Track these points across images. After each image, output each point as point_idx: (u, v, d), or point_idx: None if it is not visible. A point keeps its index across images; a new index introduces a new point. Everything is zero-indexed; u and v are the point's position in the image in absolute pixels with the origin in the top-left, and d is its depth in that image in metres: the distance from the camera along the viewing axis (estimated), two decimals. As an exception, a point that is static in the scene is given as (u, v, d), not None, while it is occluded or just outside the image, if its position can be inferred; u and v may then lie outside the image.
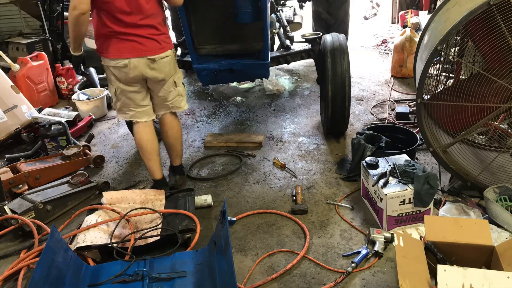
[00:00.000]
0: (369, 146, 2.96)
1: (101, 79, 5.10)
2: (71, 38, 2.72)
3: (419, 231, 2.51)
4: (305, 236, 2.58)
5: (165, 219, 2.67)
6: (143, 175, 3.42)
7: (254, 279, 2.30)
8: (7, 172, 3.21)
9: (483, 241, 1.99)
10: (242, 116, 4.32)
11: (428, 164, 3.17)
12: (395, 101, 4.29)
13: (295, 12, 5.26)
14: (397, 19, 6.87)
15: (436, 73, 2.83)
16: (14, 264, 2.49)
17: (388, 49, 5.84)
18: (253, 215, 2.82)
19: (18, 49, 5.17)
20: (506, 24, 2.27)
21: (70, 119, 4.09)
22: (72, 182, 3.17)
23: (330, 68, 3.33)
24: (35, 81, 4.69)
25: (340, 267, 2.33)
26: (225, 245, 2.12)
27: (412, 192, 2.43)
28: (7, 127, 3.93)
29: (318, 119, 4.07)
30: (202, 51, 3.35)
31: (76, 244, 2.46)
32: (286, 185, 3.13)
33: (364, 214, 2.74)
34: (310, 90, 4.80)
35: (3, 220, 2.77)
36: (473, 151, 2.80)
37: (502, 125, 2.71)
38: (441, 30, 2.56)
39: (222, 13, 3.14)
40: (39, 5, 5.10)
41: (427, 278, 1.84)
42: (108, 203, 2.83)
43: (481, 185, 2.66)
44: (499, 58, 2.42)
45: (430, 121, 2.73)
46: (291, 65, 5.29)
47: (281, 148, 3.63)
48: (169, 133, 3.03)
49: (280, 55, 3.63)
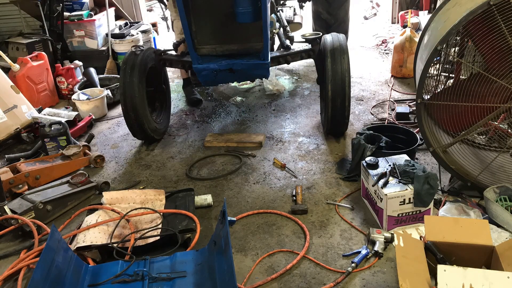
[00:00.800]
0: (369, 146, 2.96)
1: (101, 79, 5.11)
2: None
3: (419, 231, 2.51)
4: (305, 236, 2.58)
5: (165, 219, 2.67)
6: (143, 175, 3.42)
7: (254, 279, 2.30)
8: (7, 172, 3.21)
9: (483, 241, 1.99)
10: (242, 116, 4.32)
11: (428, 164, 3.17)
12: (395, 101, 4.29)
13: (295, 12, 5.26)
14: (397, 19, 6.86)
15: (436, 73, 2.83)
16: (14, 264, 2.49)
17: (388, 49, 5.84)
18: (253, 215, 2.82)
19: (18, 49, 5.16)
20: (506, 24, 2.27)
21: (70, 119, 4.09)
22: (72, 182, 3.17)
23: (330, 68, 3.33)
24: (35, 81, 4.69)
25: (340, 267, 2.33)
26: (225, 245, 2.12)
27: (412, 192, 2.43)
28: (7, 127, 3.93)
29: (318, 119, 4.07)
30: (202, 51, 3.35)
31: (76, 244, 2.46)
32: (286, 185, 3.13)
33: (364, 214, 2.74)
34: (310, 90, 4.80)
35: (3, 220, 2.77)
36: (473, 151, 2.80)
37: (502, 125, 2.71)
38: (441, 30, 2.56)
39: (222, 13, 3.15)
40: (39, 5, 5.09)
41: (427, 278, 1.84)
42: (108, 203, 2.83)
43: (481, 185, 2.66)
44: (499, 58, 2.42)
45: (430, 121, 2.73)
46: (291, 65, 5.29)
47: (281, 148, 3.63)
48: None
49: (280, 55, 3.63)
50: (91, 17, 5.63)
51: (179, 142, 3.91)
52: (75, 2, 5.75)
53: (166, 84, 4.19)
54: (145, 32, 5.85)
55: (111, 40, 5.54)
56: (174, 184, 3.28)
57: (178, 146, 3.84)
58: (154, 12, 8.73)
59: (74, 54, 5.50)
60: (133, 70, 3.55)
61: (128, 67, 3.56)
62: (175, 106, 4.61)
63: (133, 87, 3.52)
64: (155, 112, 4.03)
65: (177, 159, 3.62)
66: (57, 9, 5.13)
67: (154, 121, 3.83)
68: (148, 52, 3.74)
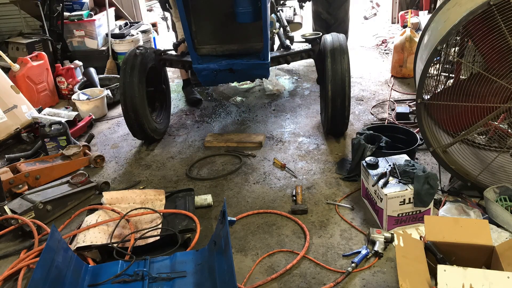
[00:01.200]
0: (369, 146, 2.96)
1: (101, 79, 5.11)
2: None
3: (419, 231, 2.51)
4: (305, 236, 2.58)
5: (165, 219, 2.67)
6: (143, 175, 3.42)
7: (254, 279, 2.30)
8: (7, 172, 3.21)
9: (483, 241, 1.99)
10: (242, 116, 4.32)
11: (428, 164, 3.17)
12: (395, 101, 4.29)
13: (295, 12, 5.26)
14: (397, 19, 6.86)
15: (436, 73, 2.83)
16: (14, 264, 2.49)
17: (388, 49, 5.84)
18: (253, 215, 2.82)
19: (18, 49, 5.16)
20: (506, 24, 2.27)
21: (70, 119, 4.09)
22: (72, 182, 3.17)
23: (330, 68, 3.33)
24: (35, 81, 4.69)
25: (340, 267, 2.33)
26: (225, 245, 2.12)
27: (412, 192, 2.43)
28: (7, 127, 3.93)
29: (318, 119, 4.07)
30: (202, 51, 3.35)
31: (76, 244, 2.46)
32: (286, 185, 3.13)
33: (364, 214, 2.74)
34: (310, 90, 4.80)
35: (3, 220, 2.77)
36: (473, 151, 2.79)
37: (502, 125, 2.71)
38: (441, 30, 2.56)
39: (222, 13, 3.15)
40: (39, 5, 5.09)
41: (427, 278, 1.84)
42: (108, 203, 2.83)
43: (481, 185, 2.66)
44: (499, 58, 2.42)
45: (430, 121, 2.73)
46: (291, 65, 5.29)
47: (281, 148, 3.63)
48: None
49: (280, 55, 3.63)
50: (91, 17, 5.63)
51: (179, 142, 3.91)
52: (75, 2, 5.74)
53: (166, 84, 4.19)
54: (145, 32, 5.85)
55: (111, 40, 5.54)
56: (174, 184, 3.28)
57: (178, 146, 3.84)
58: (154, 12, 8.73)
59: (74, 54, 5.50)
60: (133, 70, 3.55)
61: (128, 67, 3.56)
62: (175, 106, 4.61)
63: (133, 87, 3.52)
64: (155, 112, 4.03)
65: (177, 159, 3.62)
66: (57, 9, 5.13)
67: (154, 121, 3.83)
68: (148, 52, 3.74)
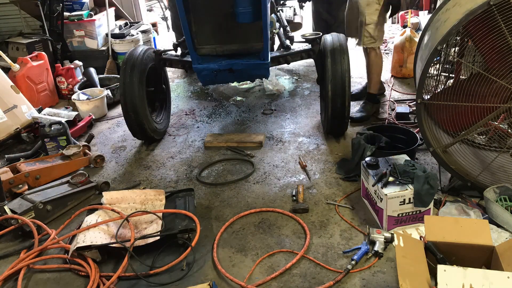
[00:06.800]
0: (369, 146, 2.96)
1: (101, 79, 5.11)
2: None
3: (419, 231, 2.51)
4: (305, 236, 2.58)
5: (165, 219, 2.67)
6: (143, 175, 3.42)
7: (254, 279, 2.30)
8: (7, 172, 3.21)
9: (483, 241, 1.99)
10: (242, 116, 4.32)
11: (428, 164, 3.17)
12: (395, 101, 4.29)
13: (295, 12, 5.25)
14: (397, 19, 6.86)
15: (436, 73, 2.83)
16: (14, 264, 2.49)
17: (388, 49, 5.83)
18: (253, 215, 2.82)
19: (18, 49, 5.16)
20: (506, 24, 2.26)
21: (70, 119, 4.09)
22: (72, 182, 3.17)
23: (330, 68, 3.33)
24: (35, 81, 4.69)
25: (340, 267, 2.33)
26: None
27: (412, 192, 2.43)
28: (7, 127, 3.93)
29: (318, 119, 4.07)
30: (202, 51, 3.35)
31: (76, 244, 2.46)
32: (286, 185, 3.13)
33: (364, 214, 2.74)
34: (310, 90, 4.80)
35: (3, 220, 2.77)
36: (473, 151, 2.79)
37: (502, 125, 2.70)
38: (441, 30, 2.56)
39: (222, 13, 3.14)
40: (39, 5, 5.09)
41: (427, 278, 1.84)
42: (108, 203, 2.83)
43: (481, 185, 2.66)
44: (499, 58, 2.42)
45: (430, 121, 2.73)
46: (291, 65, 5.29)
47: (281, 148, 3.63)
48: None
49: (280, 55, 3.63)
50: (91, 17, 5.62)
51: (179, 142, 3.91)
52: (75, 2, 5.74)
53: (166, 84, 4.19)
54: (145, 32, 5.84)
55: (111, 40, 5.54)
56: (174, 184, 3.28)
57: (178, 146, 3.84)
58: (154, 12, 8.73)
59: (74, 54, 5.49)
60: (133, 70, 3.54)
61: (128, 67, 3.56)
62: (175, 106, 4.61)
63: (133, 87, 3.51)
64: (155, 112, 4.03)
65: (177, 159, 3.62)
66: (57, 9, 5.13)
67: (154, 121, 3.83)
68: (148, 52, 3.74)
